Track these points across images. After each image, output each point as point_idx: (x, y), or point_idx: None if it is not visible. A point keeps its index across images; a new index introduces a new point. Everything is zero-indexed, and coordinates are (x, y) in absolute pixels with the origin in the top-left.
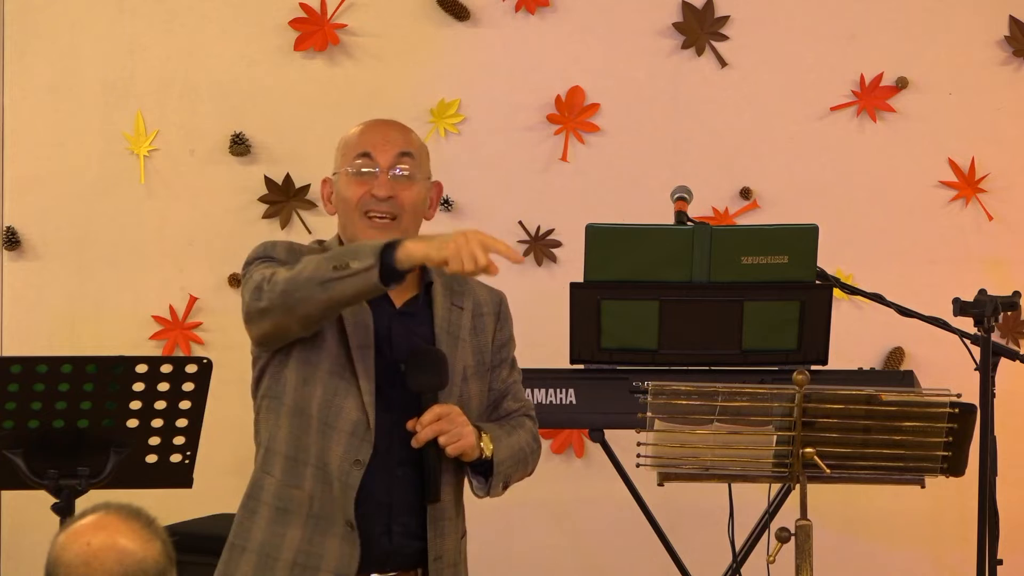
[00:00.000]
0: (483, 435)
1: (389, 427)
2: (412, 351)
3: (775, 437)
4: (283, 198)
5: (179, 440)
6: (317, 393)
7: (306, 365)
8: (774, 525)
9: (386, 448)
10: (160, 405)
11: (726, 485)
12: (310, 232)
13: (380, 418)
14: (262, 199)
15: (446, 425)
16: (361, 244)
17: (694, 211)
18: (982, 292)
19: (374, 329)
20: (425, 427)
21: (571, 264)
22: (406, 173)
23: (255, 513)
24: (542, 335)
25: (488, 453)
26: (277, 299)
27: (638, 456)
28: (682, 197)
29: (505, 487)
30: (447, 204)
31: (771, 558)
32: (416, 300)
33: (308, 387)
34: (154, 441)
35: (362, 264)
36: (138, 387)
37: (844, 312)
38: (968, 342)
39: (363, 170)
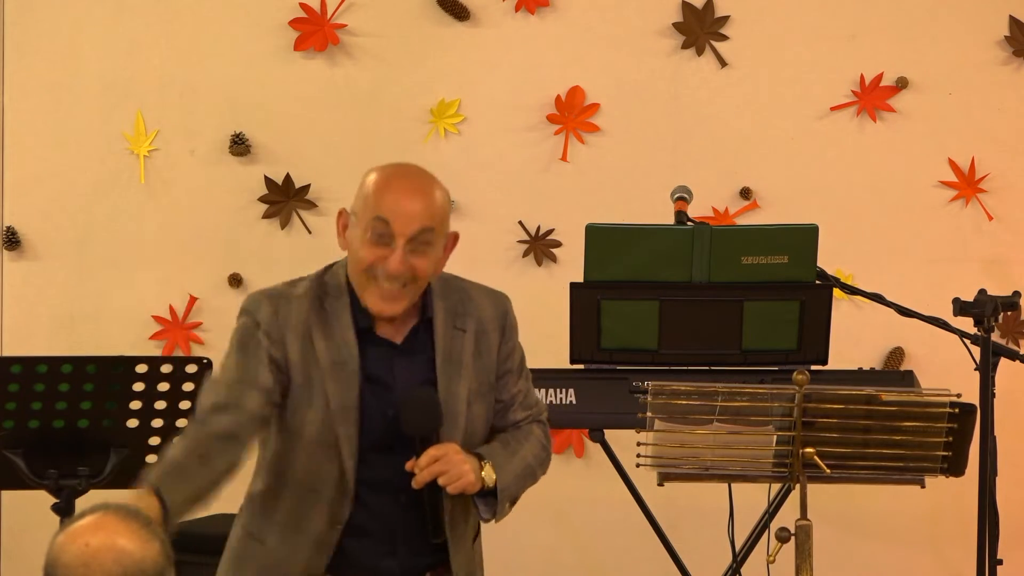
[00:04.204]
0: (484, 465)
1: (393, 457)
2: (402, 397)
3: (775, 437)
4: (283, 198)
5: None
6: (300, 458)
7: (288, 432)
8: (774, 525)
9: (391, 476)
10: (160, 405)
11: (726, 485)
12: (310, 232)
13: (383, 450)
14: (262, 199)
15: (443, 467)
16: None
17: (694, 211)
18: (982, 292)
19: (380, 368)
20: (423, 470)
21: (571, 264)
22: (424, 246)
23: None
24: (542, 335)
25: (490, 484)
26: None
27: (638, 456)
28: (682, 197)
29: (513, 503)
30: None
31: (771, 558)
32: (416, 331)
33: (289, 450)
34: (154, 441)
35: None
36: (138, 387)
37: (844, 312)
38: (968, 342)
39: (380, 237)
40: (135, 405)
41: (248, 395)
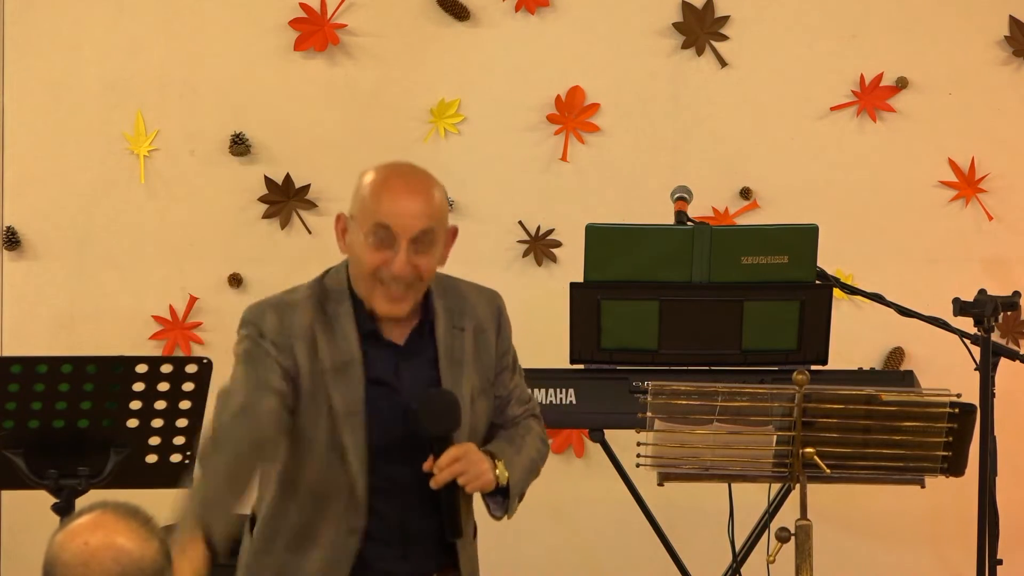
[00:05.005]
0: (497, 463)
1: (403, 460)
2: (423, 397)
3: (775, 437)
4: (283, 198)
5: (179, 440)
6: (310, 467)
7: (295, 441)
8: (774, 525)
9: (402, 479)
10: (160, 405)
11: (726, 485)
12: (310, 232)
13: (393, 453)
14: (262, 199)
15: (464, 466)
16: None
17: (694, 211)
18: (982, 292)
19: (387, 369)
20: (443, 470)
21: (571, 264)
22: (427, 246)
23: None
24: (542, 335)
25: (504, 481)
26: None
27: (638, 456)
28: (682, 197)
29: (520, 499)
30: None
31: (771, 558)
32: (419, 331)
33: (300, 458)
34: (154, 441)
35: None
36: (138, 387)
37: (844, 312)
38: (968, 342)
39: (382, 241)
40: (135, 405)
41: (264, 399)
